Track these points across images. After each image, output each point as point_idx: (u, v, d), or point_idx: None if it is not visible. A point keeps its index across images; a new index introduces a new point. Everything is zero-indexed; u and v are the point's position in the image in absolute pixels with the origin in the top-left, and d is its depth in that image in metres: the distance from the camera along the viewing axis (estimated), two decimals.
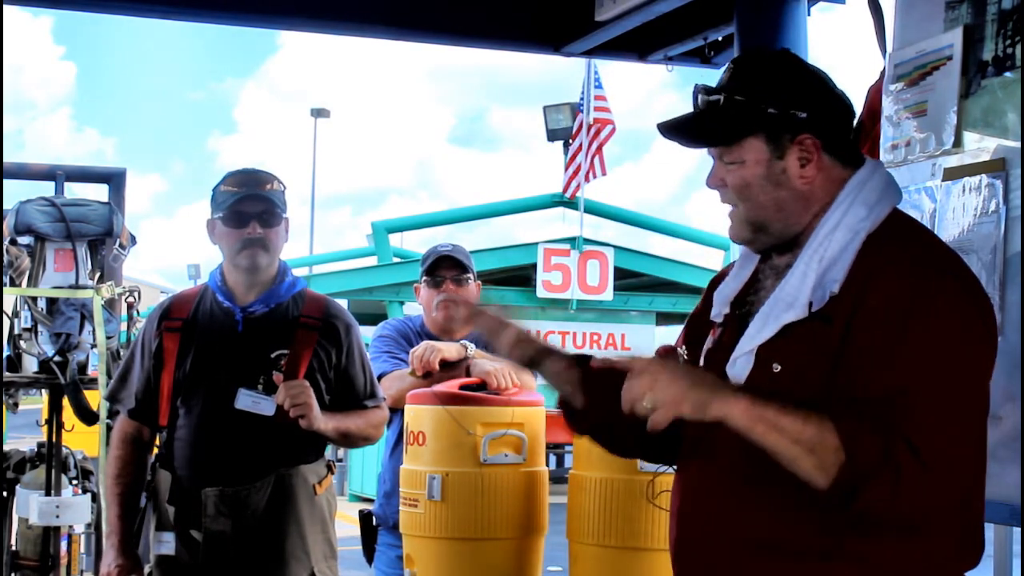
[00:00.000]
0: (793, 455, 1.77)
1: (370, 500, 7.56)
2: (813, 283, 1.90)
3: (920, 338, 1.82)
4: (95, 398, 4.57)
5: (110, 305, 4.78)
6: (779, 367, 1.89)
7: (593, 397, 2.14)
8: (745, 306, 2.04)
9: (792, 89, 1.95)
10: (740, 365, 1.94)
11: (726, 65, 2.03)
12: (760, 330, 1.93)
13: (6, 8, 3.33)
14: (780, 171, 1.95)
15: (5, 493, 4.77)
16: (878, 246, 1.91)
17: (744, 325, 2.00)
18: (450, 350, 3.77)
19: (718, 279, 2.19)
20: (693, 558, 2.01)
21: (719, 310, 2.09)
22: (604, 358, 1.95)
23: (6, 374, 4.53)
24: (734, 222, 2.02)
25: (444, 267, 3.94)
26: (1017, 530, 2.76)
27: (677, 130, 2.03)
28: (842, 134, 2.00)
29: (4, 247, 4.51)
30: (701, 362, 2.08)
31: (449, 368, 3.78)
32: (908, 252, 1.90)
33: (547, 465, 3.70)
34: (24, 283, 4.62)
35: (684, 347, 2.15)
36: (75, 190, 5.46)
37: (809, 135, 1.94)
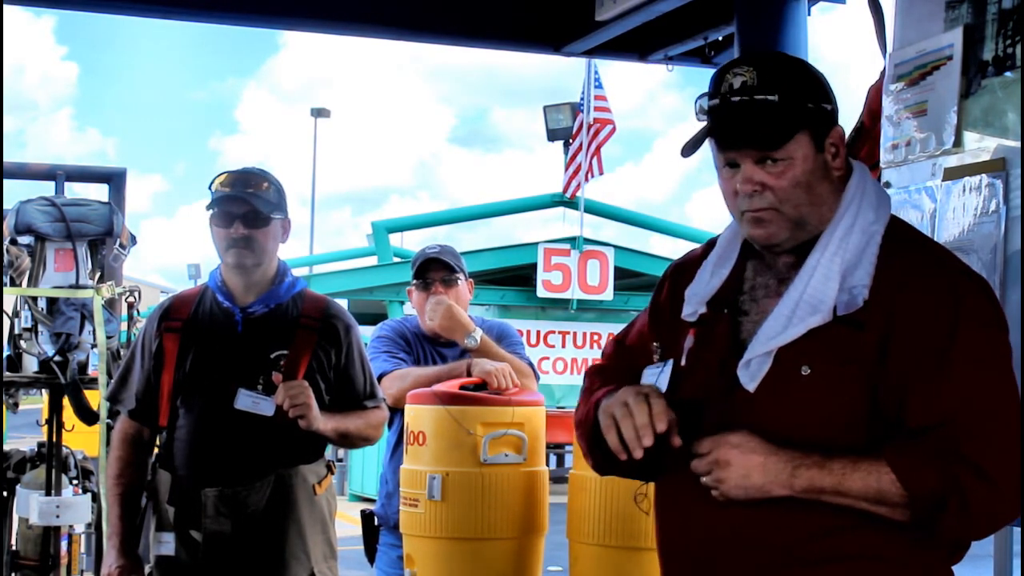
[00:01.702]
0: (863, 509, 1.83)
1: (370, 500, 7.57)
2: (837, 286, 1.90)
3: (966, 355, 1.84)
4: (95, 398, 4.57)
5: (110, 305, 4.78)
6: (808, 370, 1.88)
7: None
8: (732, 306, 2.02)
9: (817, 85, 1.98)
10: (756, 365, 1.93)
11: (736, 70, 1.97)
12: (781, 332, 1.91)
13: (7, 8, 3.33)
14: (823, 164, 1.97)
15: (5, 493, 4.77)
16: (895, 251, 1.93)
17: (737, 324, 1.99)
18: (460, 330, 3.80)
19: (679, 271, 2.15)
20: (690, 561, 2.00)
21: (694, 309, 2.07)
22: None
23: (6, 374, 4.53)
24: (770, 223, 1.95)
25: (432, 269, 3.94)
26: (1017, 530, 2.76)
27: (725, 138, 1.96)
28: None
29: (4, 247, 4.51)
30: (683, 361, 2.04)
31: (449, 344, 3.89)
32: (929, 260, 1.94)
33: (547, 465, 3.70)
34: (24, 283, 4.62)
35: (658, 345, 2.11)
36: (76, 190, 5.48)
37: (838, 127, 1.99)
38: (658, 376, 2.06)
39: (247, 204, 3.16)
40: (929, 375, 1.83)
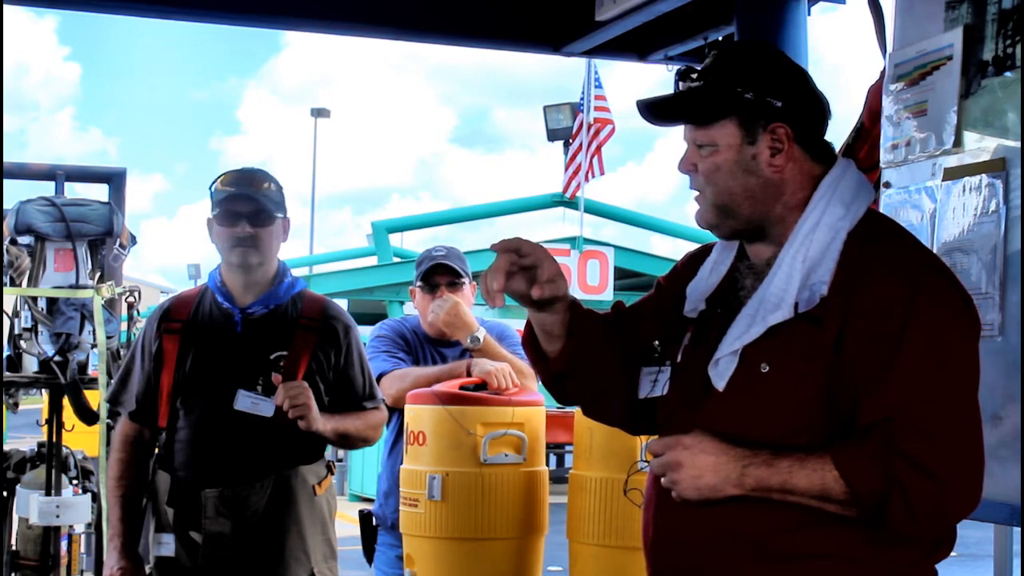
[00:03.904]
0: (812, 506, 1.84)
1: (370, 500, 7.57)
2: (799, 283, 1.91)
3: (915, 350, 1.83)
4: (95, 398, 4.57)
5: (110, 305, 4.78)
6: (767, 367, 1.90)
7: (572, 341, 2.12)
8: (723, 305, 2.04)
9: (769, 78, 1.98)
10: (723, 365, 1.94)
11: (710, 55, 2.06)
12: (745, 331, 1.93)
13: (8, 8, 3.33)
14: (750, 157, 1.96)
15: (5, 493, 4.77)
16: (861, 246, 1.92)
17: (725, 324, 2.00)
18: (467, 326, 3.80)
19: (691, 264, 2.18)
20: (670, 557, 2.02)
21: (694, 306, 2.09)
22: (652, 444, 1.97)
23: (6, 374, 4.53)
24: (702, 206, 2.02)
25: (438, 273, 3.94)
26: (1017, 530, 2.76)
27: (655, 109, 2.05)
28: (815, 129, 2.02)
29: (4, 247, 4.51)
30: (679, 358, 2.07)
31: (449, 344, 3.90)
32: (893, 254, 1.92)
33: (547, 465, 3.70)
34: (24, 283, 4.61)
35: (658, 344, 2.13)
36: (76, 190, 5.47)
37: (782, 124, 1.96)
38: (656, 375, 2.10)
39: (254, 202, 3.17)
40: (878, 371, 1.83)
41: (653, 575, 2.09)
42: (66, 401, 4.60)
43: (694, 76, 2.00)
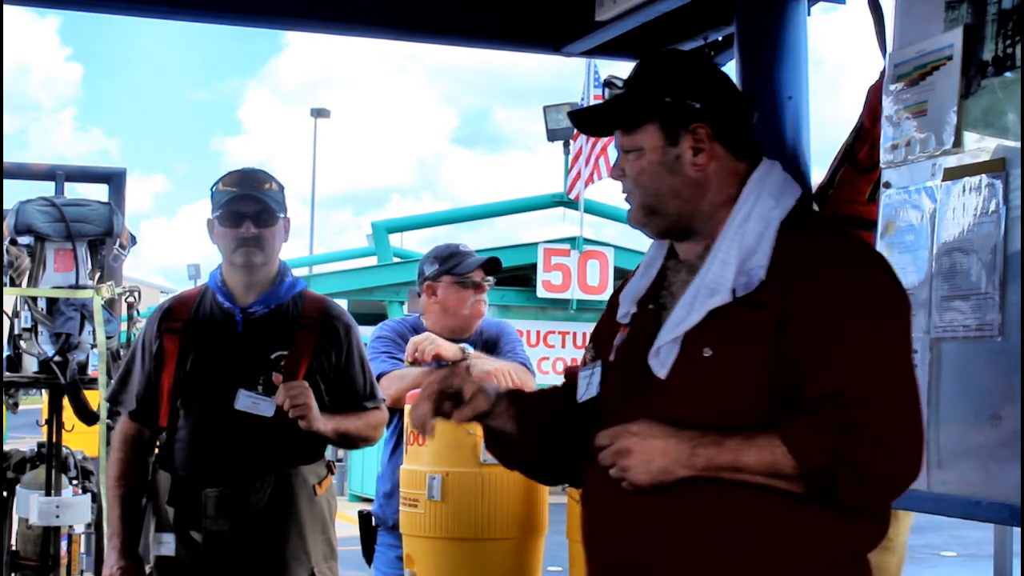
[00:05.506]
0: (761, 483, 1.87)
1: (370, 500, 7.59)
2: (735, 270, 1.96)
3: (860, 328, 1.89)
4: (95, 398, 4.58)
5: (110, 305, 4.78)
6: (710, 351, 1.93)
7: (523, 429, 2.20)
8: (657, 301, 2.09)
9: (688, 82, 2.05)
10: (665, 352, 1.98)
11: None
12: (685, 317, 1.97)
13: (10, 8, 3.33)
14: (674, 158, 2.03)
15: (5, 493, 4.78)
16: (794, 233, 1.98)
17: (659, 318, 2.05)
18: (448, 349, 3.78)
19: (621, 289, 2.25)
20: (613, 550, 2.02)
21: (627, 309, 2.15)
22: (601, 433, 2.00)
23: (6, 374, 4.53)
24: (632, 207, 2.10)
25: (481, 268, 3.98)
26: (1017, 530, 2.76)
27: (587, 119, 2.17)
28: (737, 128, 2.08)
29: (4, 247, 4.52)
30: (612, 356, 2.12)
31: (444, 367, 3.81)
32: (832, 244, 1.99)
33: None
34: (24, 283, 4.62)
35: (591, 346, 2.23)
36: (77, 190, 5.48)
37: (702, 124, 2.03)
38: (590, 378, 2.16)
39: (258, 202, 3.18)
40: (822, 348, 1.87)
41: (596, 569, 2.09)
42: (66, 401, 4.60)
43: (619, 85, 2.08)
